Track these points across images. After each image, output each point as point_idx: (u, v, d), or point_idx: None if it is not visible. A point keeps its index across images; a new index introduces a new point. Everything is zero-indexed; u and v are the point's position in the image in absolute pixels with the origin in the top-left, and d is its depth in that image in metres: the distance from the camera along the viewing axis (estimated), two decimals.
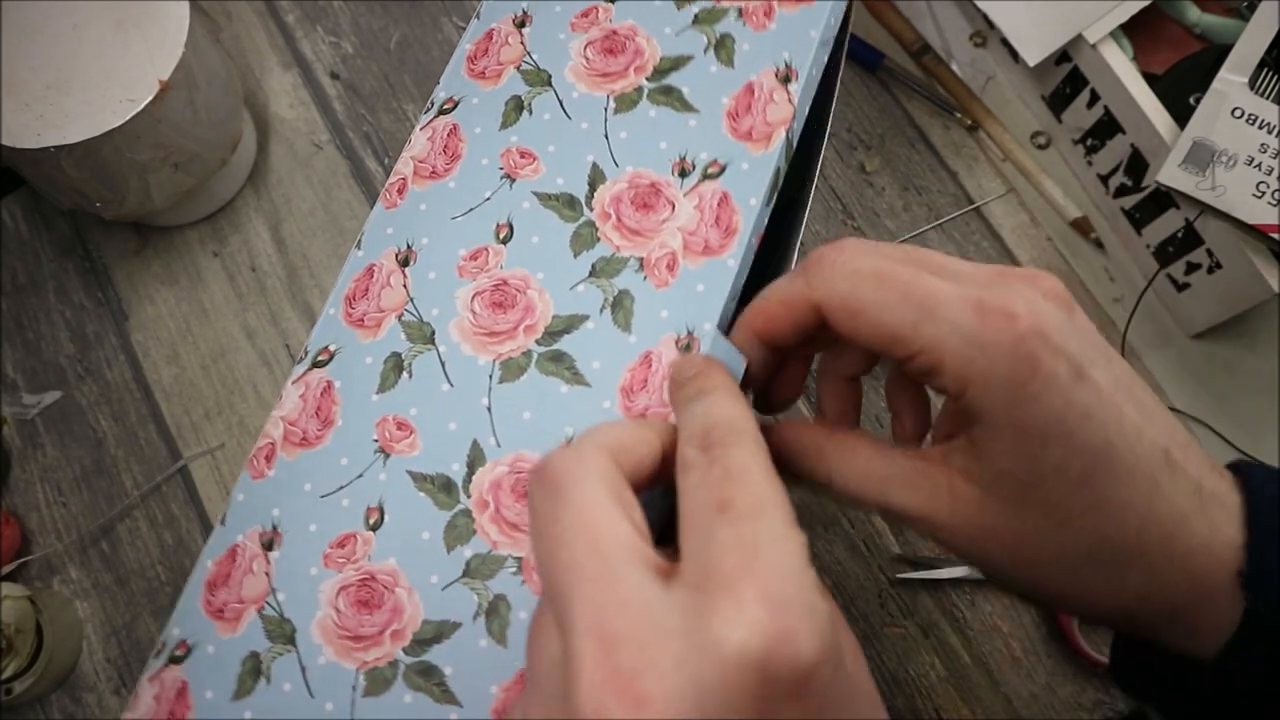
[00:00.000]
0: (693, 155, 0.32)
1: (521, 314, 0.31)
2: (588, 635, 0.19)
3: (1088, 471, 0.25)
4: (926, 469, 0.27)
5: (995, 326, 0.25)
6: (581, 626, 0.20)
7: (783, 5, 0.34)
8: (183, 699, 0.28)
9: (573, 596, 0.20)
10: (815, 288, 0.27)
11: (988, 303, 0.25)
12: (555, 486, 0.22)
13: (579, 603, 0.20)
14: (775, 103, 0.33)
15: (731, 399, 0.26)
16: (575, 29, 0.34)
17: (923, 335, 0.25)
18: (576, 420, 0.30)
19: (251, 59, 0.66)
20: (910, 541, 0.56)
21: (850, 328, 0.26)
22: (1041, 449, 0.25)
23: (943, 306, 0.25)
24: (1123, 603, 0.27)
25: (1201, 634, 0.26)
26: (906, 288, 0.26)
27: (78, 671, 0.54)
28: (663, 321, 0.31)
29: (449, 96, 0.34)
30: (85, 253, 0.62)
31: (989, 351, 0.25)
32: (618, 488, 0.22)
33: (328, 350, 0.31)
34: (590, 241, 0.32)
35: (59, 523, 0.57)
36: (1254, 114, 0.52)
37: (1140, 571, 0.26)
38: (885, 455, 0.28)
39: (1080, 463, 0.25)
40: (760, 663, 0.19)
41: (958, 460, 0.27)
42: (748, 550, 0.20)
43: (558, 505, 0.21)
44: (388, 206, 0.33)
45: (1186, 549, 0.26)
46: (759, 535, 0.20)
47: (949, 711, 0.54)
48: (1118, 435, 0.25)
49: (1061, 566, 0.26)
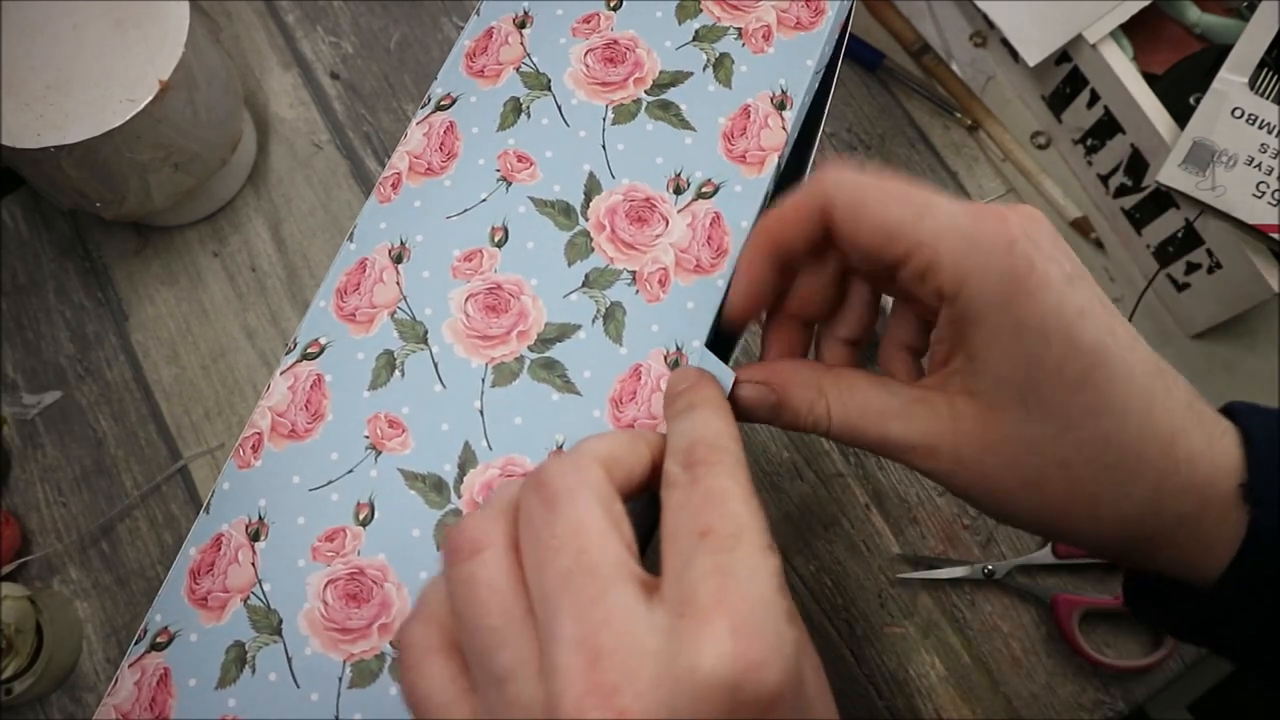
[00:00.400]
0: (688, 173, 0.33)
1: (515, 319, 0.31)
2: (574, 647, 0.20)
3: (1085, 371, 0.25)
4: (926, 395, 0.28)
5: (991, 229, 0.25)
6: (568, 637, 0.20)
7: (782, 31, 0.35)
8: (165, 686, 0.28)
9: (562, 608, 0.21)
10: (823, 185, 0.27)
11: (982, 210, 0.26)
12: (552, 497, 0.22)
13: (567, 615, 0.21)
14: (770, 128, 0.33)
15: (717, 415, 0.26)
16: (576, 34, 0.35)
17: (922, 230, 0.26)
18: (566, 428, 0.30)
19: (251, 59, 0.66)
20: (910, 541, 0.56)
21: (852, 226, 0.27)
22: (1041, 347, 0.25)
23: (941, 207, 0.26)
24: (1129, 517, 0.26)
25: (1207, 552, 0.26)
26: (907, 191, 0.27)
27: (78, 671, 0.54)
28: (653, 336, 0.31)
29: (446, 93, 0.34)
30: (85, 253, 0.62)
31: (985, 248, 0.25)
32: (609, 501, 0.23)
33: (318, 343, 0.31)
34: (585, 251, 0.32)
35: (59, 523, 0.57)
36: (1254, 114, 0.52)
37: (1144, 479, 0.26)
38: (884, 387, 0.29)
39: (1079, 361, 0.25)
40: (730, 689, 0.20)
41: (956, 382, 0.27)
42: (724, 580, 0.21)
43: (553, 516, 0.22)
44: (381, 200, 0.33)
45: (1187, 455, 0.26)
46: (736, 565, 0.21)
47: (949, 711, 0.54)
48: (1112, 339, 0.26)
49: (1067, 476, 0.26)
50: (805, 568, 0.56)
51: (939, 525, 0.57)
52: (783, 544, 0.56)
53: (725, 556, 0.22)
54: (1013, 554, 0.56)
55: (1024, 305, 0.25)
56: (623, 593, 0.21)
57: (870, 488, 0.57)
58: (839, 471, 0.58)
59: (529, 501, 0.23)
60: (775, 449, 0.58)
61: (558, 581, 0.21)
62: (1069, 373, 0.25)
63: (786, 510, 0.57)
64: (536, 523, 0.22)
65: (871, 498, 0.57)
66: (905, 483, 0.57)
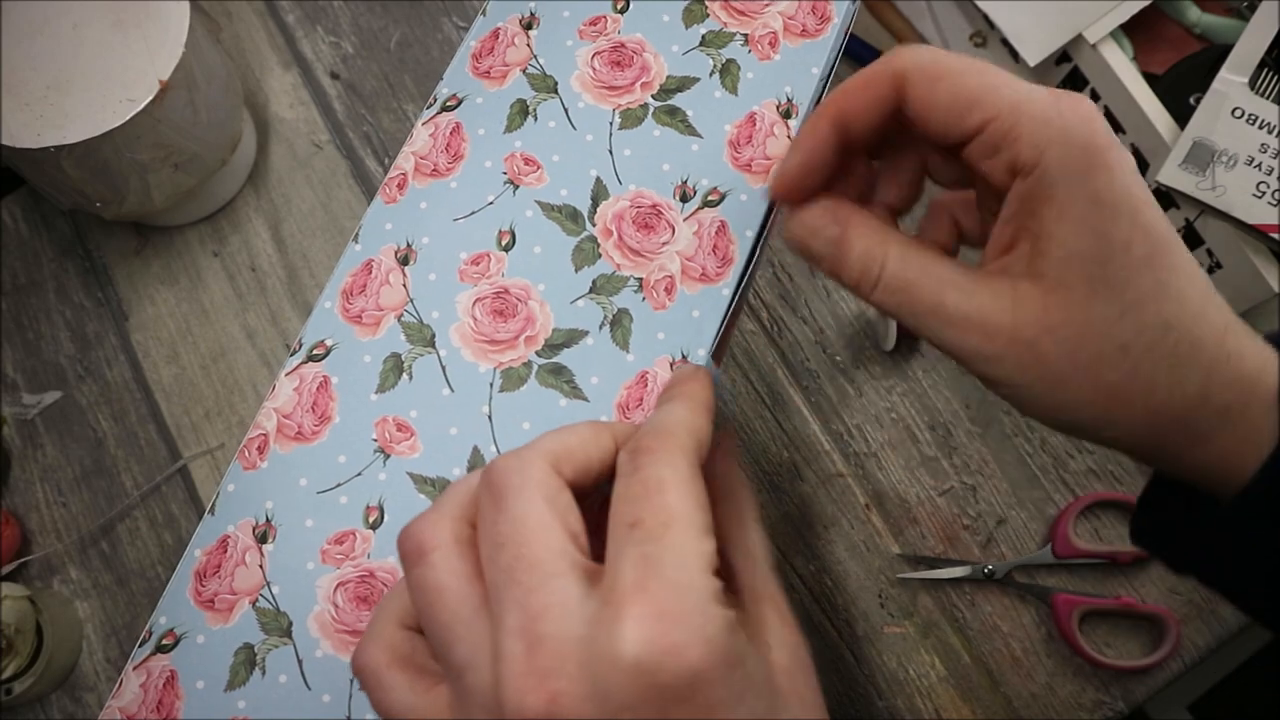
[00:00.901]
0: (694, 180, 0.33)
1: (523, 324, 0.31)
2: (516, 635, 0.22)
3: (1151, 253, 0.26)
4: (988, 276, 0.28)
5: (1070, 104, 0.26)
6: (511, 625, 0.22)
7: (788, 38, 0.35)
8: (171, 688, 0.28)
9: (506, 598, 0.22)
10: (899, 56, 0.27)
11: (1059, 91, 0.26)
12: (498, 494, 0.24)
13: (511, 605, 0.22)
14: (775, 136, 0.33)
15: (683, 406, 0.27)
16: (583, 36, 0.34)
17: (1001, 99, 0.26)
18: None
19: (251, 59, 0.66)
20: (910, 541, 0.56)
21: (930, 96, 0.27)
22: (1112, 222, 0.26)
23: (1019, 82, 0.26)
24: (1179, 405, 0.26)
25: (1242, 449, 0.27)
26: (983, 65, 0.27)
27: (78, 671, 0.54)
28: (659, 343, 0.31)
29: (453, 93, 0.34)
30: (85, 253, 0.62)
31: (1066, 121, 0.26)
32: (555, 495, 0.24)
33: (324, 344, 0.31)
34: (592, 257, 0.32)
35: (59, 523, 0.57)
36: (1254, 114, 0.52)
37: (1198, 367, 0.26)
38: (948, 259, 0.28)
39: (1146, 243, 0.26)
40: (648, 671, 0.21)
41: (1020, 265, 0.27)
42: (647, 568, 0.22)
43: (499, 512, 0.24)
44: (387, 201, 0.33)
45: (1237, 349, 0.26)
46: (661, 554, 0.22)
47: (949, 711, 0.54)
48: (1170, 231, 0.26)
49: (1125, 361, 0.26)
50: (805, 568, 0.56)
51: (939, 525, 0.57)
52: (783, 544, 0.56)
53: (652, 546, 0.22)
54: (1013, 554, 0.56)
55: (1101, 178, 0.25)
56: (562, 583, 0.22)
57: (870, 488, 0.57)
58: (839, 471, 0.58)
59: (482, 498, 0.24)
60: (775, 449, 0.58)
61: (503, 573, 0.23)
62: (1137, 252, 0.26)
63: (786, 510, 0.57)
64: (486, 518, 0.24)
65: (871, 498, 0.57)
66: (905, 483, 0.57)
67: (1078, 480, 0.57)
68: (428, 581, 0.24)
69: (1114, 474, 0.57)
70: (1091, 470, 0.57)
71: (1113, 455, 0.58)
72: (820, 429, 0.58)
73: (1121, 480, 0.57)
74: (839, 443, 0.58)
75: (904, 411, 0.59)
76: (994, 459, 0.58)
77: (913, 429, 0.58)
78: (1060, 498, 0.57)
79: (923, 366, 0.59)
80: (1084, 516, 0.57)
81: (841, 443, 0.58)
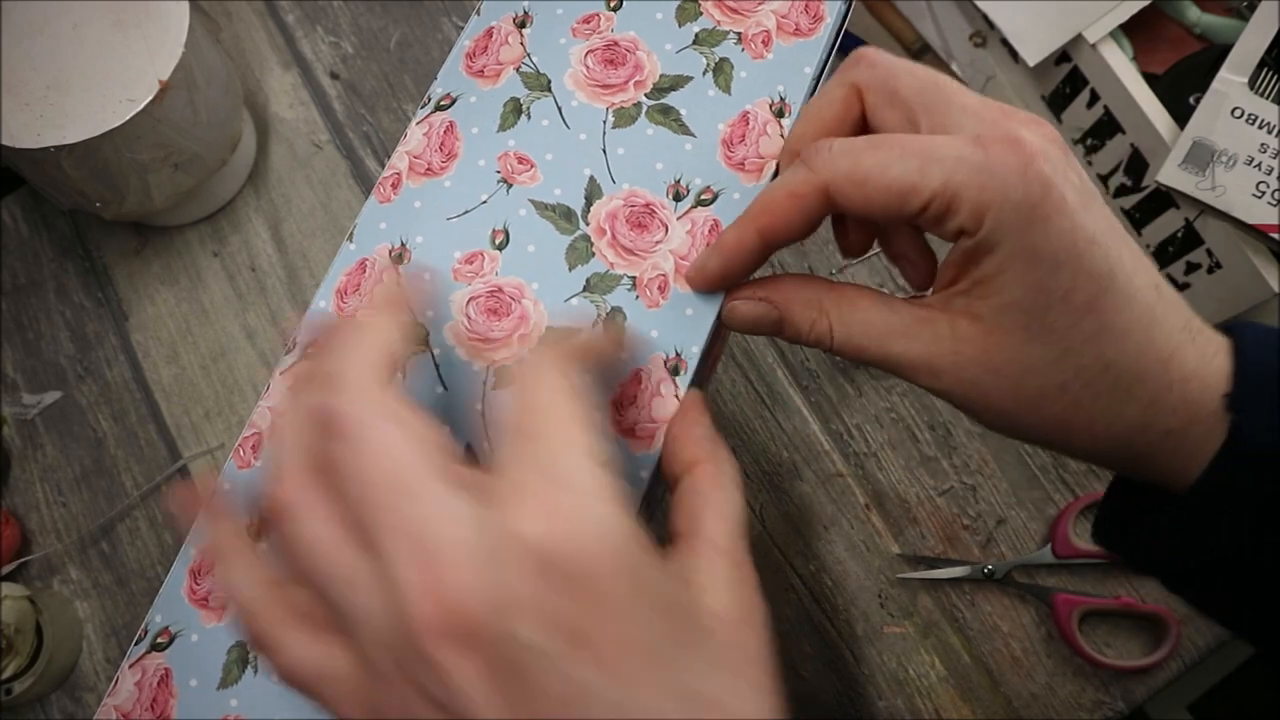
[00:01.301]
0: (687, 179, 0.33)
1: (516, 322, 0.31)
2: (405, 561, 0.21)
3: (1093, 297, 0.26)
4: (929, 315, 0.28)
5: (1002, 154, 0.26)
6: (398, 554, 0.21)
7: (781, 37, 0.35)
8: (165, 686, 0.28)
9: (385, 529, 0.22)
10: (819, 171, 0.28)
11: (988, 136, 0.26)
12: (346, 436, 0.23)
13: (391, 534, 0.22)
14: (768, 135, 0.33)
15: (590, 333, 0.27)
16: (576, 35, 0.35)
17: (931, 178, 0.26)
18: None
19: (251, 59, 0.66)
20: (910, 541, 0.56)
21: (861, 198, 0.27)
22: (1051, 274, 0.26)
23: (943, 148, 0.26)
24: (1120, 433, 0.28)
25: (1190, 461, 0.28)
26: (903, 144, 0.27)
27: (78, 671, 0.54)
28: (652, 341, 0.31)
29: (446, 93, 0.34)
30: (85, 253, 0.62)
31: (999, 176, 0.26)
32: (400, 413, 0.23)
33: (318, 345, 0.31)
34: (585, 256, 0.32)
35: (59, 523, 0.57)
36: (1254, 114, 0.52)
37: (1139, 399, 0.27)
38: (887, 305, 0.29)
39: (1087, 288, 0.26)
40: (547, 557, 0.21)
41: (960, 304, 0.28)
42: (535, 468, 0.23)
43: (353, 451, 0.23)
44: (381, 200, 0.33)
45: (1181, 375, 0.27)
46: (544, 453, 0.23)
47: (949, 711, 0.54)
48: (1118, 264, 0.26)
49: (1064, 398, 0.27)
50: (805, 568, 0.56)
51: (939, 525, 0.57)
52: (783, 544, 0.56)
53: (535, 445, 0.23)
54: (1013, 554, 0.56)
55: (1039, 231, 0.26)
56: (437, 496, 0.22)
57: (870, 488, 0.57)
58: (839, 471, 0.58)
59: (329, 447, 0.23)
60: (775, 449, 0.58)
61: (374, 508, 0.22)
62: (1076, 300, 0.26)
63: (786, 510, 0.57)
64: (341, 462, 0.23)
65: (871, 498, 0.57)
66: (905, 483, 0.57)
67: (1077, 480, 0.57)
68: (300, 537, 0.23)
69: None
70: (1091, 470, 0.57)
71: None
72: (820, 429, 0.58)
73: None
74: (839, 442, 0.58)
75: (904, 411, 0.59)
76: (994, 459, 0.58)
77: (912, 429, 0.58)
78: (1060, 497, 0.57)
79: None
80: (1084, 516, 0.57)
81: (841, 442, 0.58)
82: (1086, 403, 0.27)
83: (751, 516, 0.57)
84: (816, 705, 0.53)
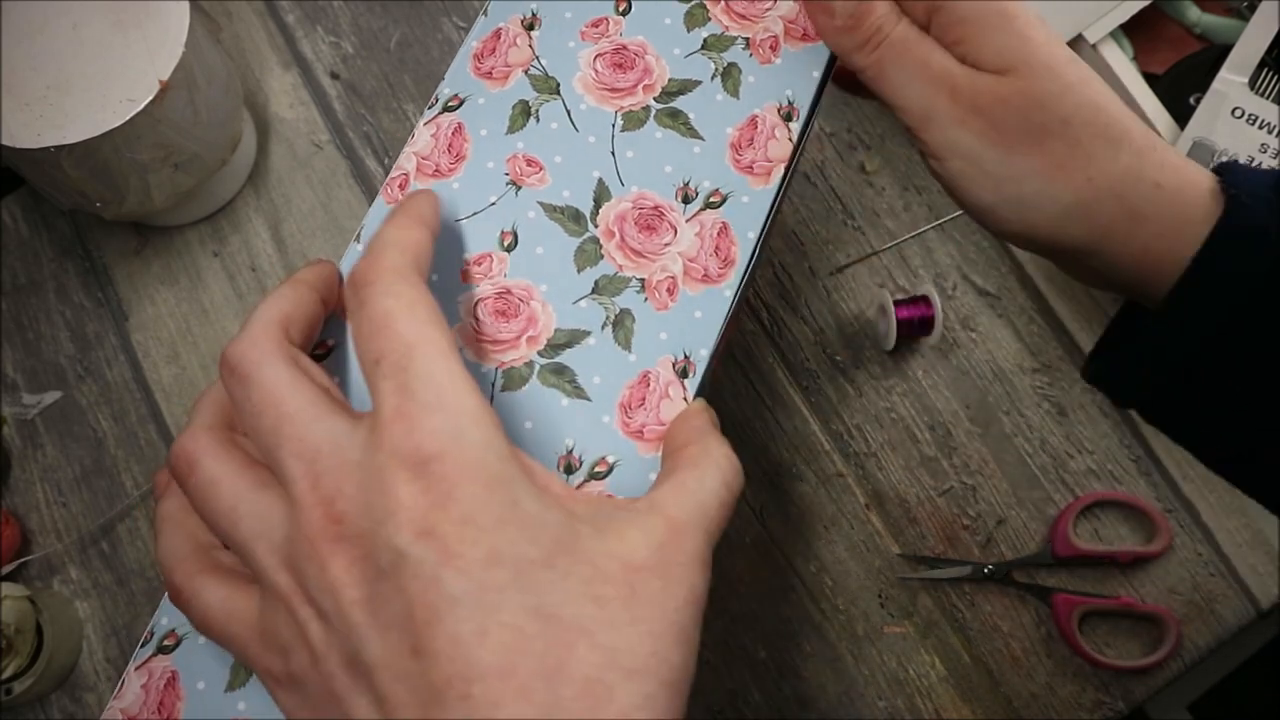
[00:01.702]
0: (696, 182, 0.33)
1: (525, 324, 0.31)
2: (300, 481, 0.24)
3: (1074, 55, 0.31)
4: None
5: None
6: (293, 476, 0.24)
7: (789, 42, 0.35)
8: (172, 689, 0.28)
9: (282, 457, 0.24)
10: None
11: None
12: (243, 374, 0.25)
13: (287, 460, 0.24)
14: (776, 139, 0.34)
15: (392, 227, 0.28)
16: (585, 38, 0.35)
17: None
18: (576, 433, 0.30)
19: (251, 59, 0.66)
20: (910, 541, 0.56)
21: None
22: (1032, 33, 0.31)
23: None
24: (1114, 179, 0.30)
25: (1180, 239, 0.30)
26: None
27: (78, 671, 0.54)
28: (661, 343, 0.31)
29: (454, 94, 0.34)
30: (85, 253, 0.62)
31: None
32: (295, 357, 0.26)
33: (325, 345, 0.31)
34: (594, 258, 0.32)
35: (59, 523, 0.57)
36: (1254, 114, 0.52)
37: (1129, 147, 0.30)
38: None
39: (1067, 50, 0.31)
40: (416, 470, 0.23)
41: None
42: (404, 396, 0.24)
43: (249, 388, 0.25)
44: (389, 201, 0.33)
45: (1163, 147, 0.31)
46: (411, 382, 0.24)
47: (949, 711, 0.54)
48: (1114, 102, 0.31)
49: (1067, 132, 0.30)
50: (805, 568, 0.56)
51: (938, 525, 0.57)
52: (783, 544, 0.56)
53: (401, 376, 0.24)
54: (1012, 554, 0.56)
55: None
56: (327, 423, 0.24)
57: (870, 488, 0.57)
58: (839, 471, 0.58)
59: (229, 387, 0.26)
60: (775, 449, 0.58)
61: (271, 437, 0.25)
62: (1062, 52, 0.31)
63: (786, 510, 0.57)
64: (240, 400, 0.25)
65: (871, 498, 0.57)
66: (905, 483, 0.57)
67: (1077, 480, 0.57)
68: (204, 480, 0.25)
69: (1114, 474, 0.57)
70: (1091, 470, 0.57)
71: (1112, 455, 0.58)
72: (820, 429, 0.58)
73: (1121, 480, 0.57)
74: (839, 443, 0.58)
75: (904, 411, 0.59)
76: (994, 459, 0.58)
77: (912, 429, 0.58)
78: (1060, 498, 0.57)
79: (922, 367, 0.59)
80: (1084, 516, 0.57)
81: (841, 443, 0.58)
82: (1085, 139, 0.30)
83: (751, 516, 0.57)
84: (816, 705, 0.53)
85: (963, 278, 0.61)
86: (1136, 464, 0.58)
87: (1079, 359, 0.60)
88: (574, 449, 0.30)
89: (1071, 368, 0.59)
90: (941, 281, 0.61)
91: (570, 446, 0.30)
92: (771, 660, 0.54)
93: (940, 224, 0.62)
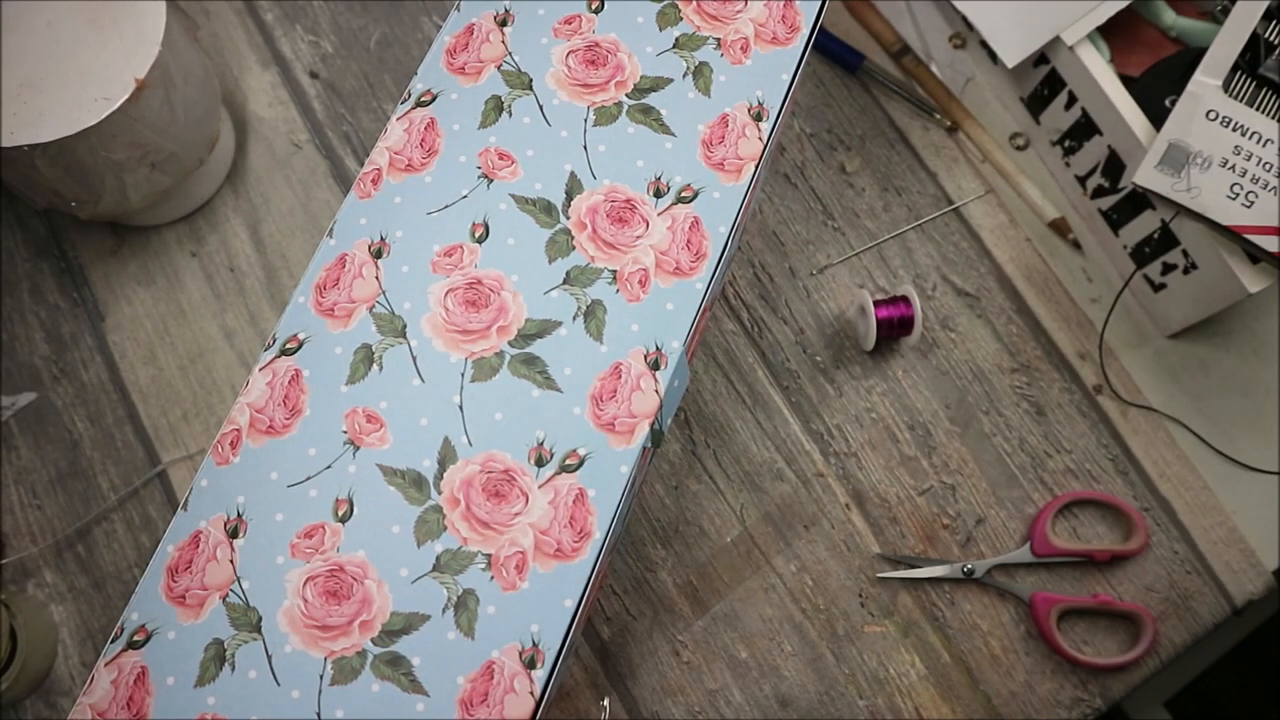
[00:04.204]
0: (668, 177, 0.33)
1: (495, 314, 0.31)
2: None
3: None
4: None
5: None
6: None
7: (759, 44, 0.35)
8: (142, 684, 0.28)
9: None
10: None
11: None
12: None
13: None
14: (747, 138, 0.34)
15: None
16: (558, 34, 0.35)
17: None
18: (548, 424, 0.30)
19: (230, 58, 0.65)
20: (890, 541, 0.57)
21: None
22: None
23: None
24: None
25: None
26: None
27: (53, 676, 0.54)
28: (633, 335, 0.31)
29: (427, 89, 0.35)
30: (60, 253, 0.61)
31: None
32: None
33: (296, 338, 0.31)
34: (565, 249, 0.32)
35: (34, 526, 0.56)
36: (1228, 116, 0.52)
37: None
38: None
39: None
40: None
41: None
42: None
43: None
44: (361, 196, 0.33)
45: None
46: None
47: (929, 710, 0.54)
48: None
49: None
50: (785, 567, 0.56)
51: (919, 525, 0.57)
52: (763, 543, 0.56)
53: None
54: (991, 553, 0.56)
55: None
56: None
57: (850, 487, 0.58)
58: (819, 471, 0.58)
59: None
60: (756, 449, 0.58)
61: None
62: None
63: (767, 510, 0.57)
64: None
65: (852, 497, 0.57)
66: (885, 482, 0.58)
67: (1056, 480, 0.58)
68: None
69: (1091, 473, 0.58)
70: (1069, 470, 0.58)
71: (1090, 454, 0.58)
72: (801, 429, 0.59)
73: (1099, 479, 0.58)
74: (819, 442, 0.58)
75: (884, 411, 0.59)
76: (973, 458, 0.58)
77: (892, 429, 0.59)
78: (1039, 497, 0.57)
79: (902, 367, 0.60)
80: (1062, 515, 0.57)
81: (822, 442, 0.58)
82: None
83: (732, 516, 0.57)
84: (797, 704, 0.54)
85: (942, 278, 0.61)
86: (1114, 463, 0.58)
87: (1057, 359, 0.60)
88: (545, 441, 0.30)
89: (1050, 367, 0.60)
90: (921, 282, 0.61)
91: (541, 439, 0.30)
92: (752, 660, 0.54)
93: (920, 224, 0.62)
